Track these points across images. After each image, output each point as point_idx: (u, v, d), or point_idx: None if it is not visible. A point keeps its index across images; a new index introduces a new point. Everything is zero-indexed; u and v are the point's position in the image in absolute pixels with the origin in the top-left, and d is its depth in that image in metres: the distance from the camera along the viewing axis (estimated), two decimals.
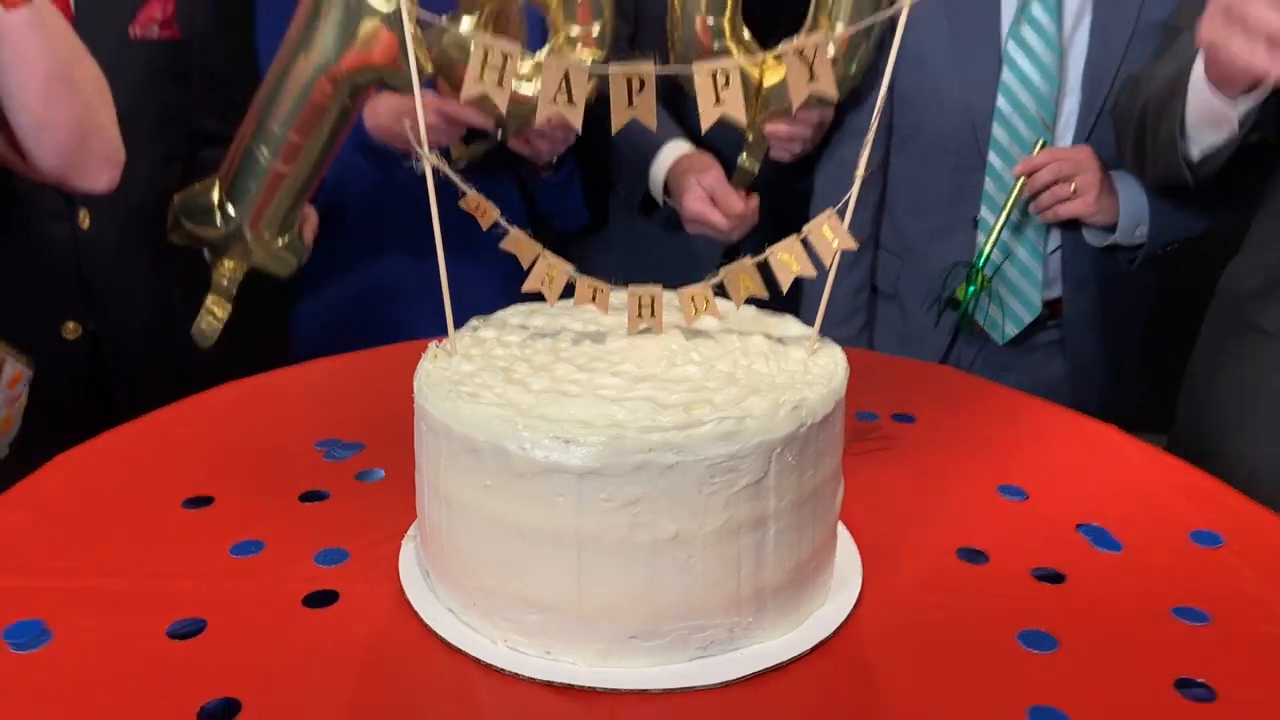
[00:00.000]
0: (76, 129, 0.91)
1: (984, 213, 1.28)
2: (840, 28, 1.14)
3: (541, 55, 1.04)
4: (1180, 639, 0.54)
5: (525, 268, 0.58)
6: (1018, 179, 1.22)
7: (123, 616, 0.53)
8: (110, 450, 0.70)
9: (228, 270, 1.02)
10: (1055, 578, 0.58)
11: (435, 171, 0.53)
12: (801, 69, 0.52)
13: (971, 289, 1.27)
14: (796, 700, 0.49)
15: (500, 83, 0.52)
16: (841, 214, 0.57)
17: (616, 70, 0.52)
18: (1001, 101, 1.25)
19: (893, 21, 0.59)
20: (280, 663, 0.50)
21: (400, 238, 1.21)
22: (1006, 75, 1.25)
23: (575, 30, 1.01)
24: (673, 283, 0.58)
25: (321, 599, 0.55)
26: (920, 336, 1.32)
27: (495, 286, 0.75)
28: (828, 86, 0.53)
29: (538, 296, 0.59)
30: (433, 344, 0.57)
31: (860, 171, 0.58)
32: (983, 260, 1.25)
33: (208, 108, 1.19)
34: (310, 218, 1.09)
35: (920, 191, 1.33)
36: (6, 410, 0.88)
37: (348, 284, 1.27)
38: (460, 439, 0.50)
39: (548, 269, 0.57)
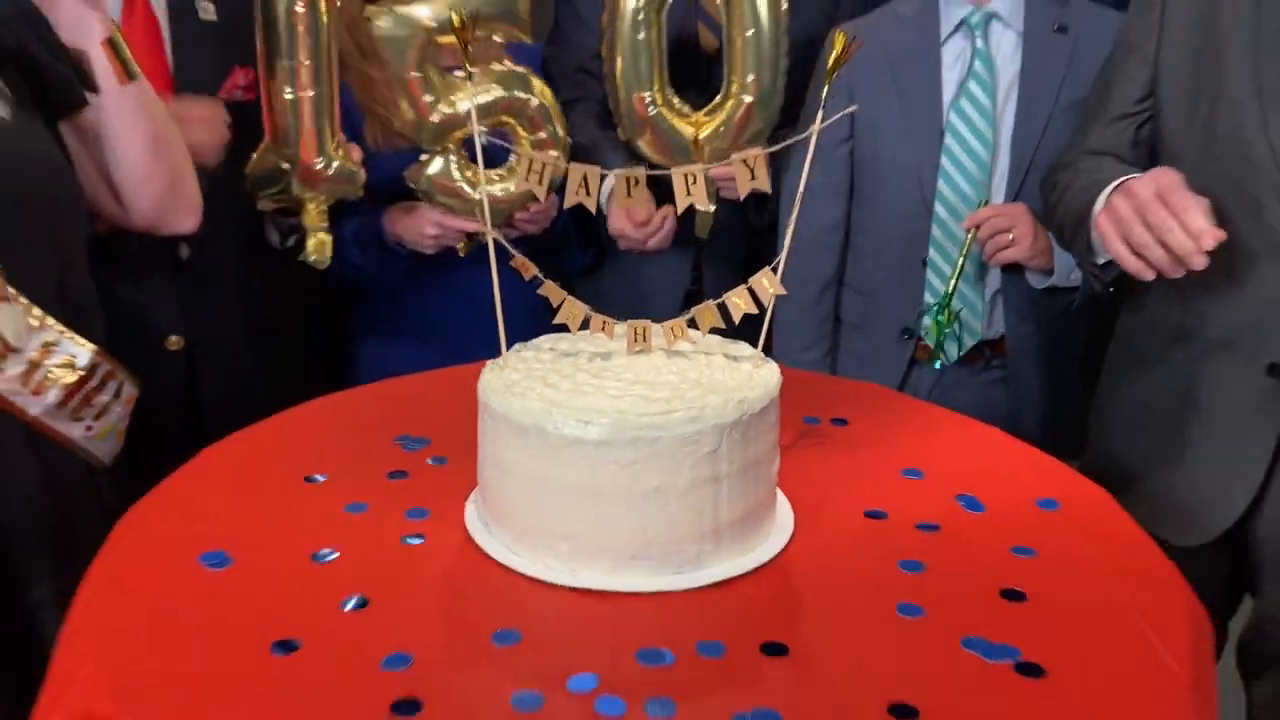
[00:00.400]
0: (168, 185, 1.13)
1: (932, 254, 1.53)
2: (749, 92, 1.40)
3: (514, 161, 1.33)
4: (1014, 564, 0.77)
5: (554, 307, 0.82)
6: (968, 231, 1.46)
7: (277, 548, 0.76)
8: (244, 444, 0.94)
9: (312, 211, 1.28)
10: (933, 528, 0.81)
11: (495, 243, 0.78)
12: (744, 171, 0.77)
13: (941, 319, 1.51)
14: (741, 601, 0.72)
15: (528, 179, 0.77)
16: (775, 269, 0.80)
17: (620, 172, 0.77)
18: (945, 162, 1.51)
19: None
20: (390, 576, 0.74)
21: (441, 288, 1.47)
22: (948, 141, 1.50)
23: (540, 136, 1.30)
24: (653, 310, 0.82)
25: (412, 540, 0.79)
26: (879, 362, 1.56)
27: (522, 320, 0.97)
28: (764, 184, 0.77)
29: (563, 327, 0.83)
30: (490, 362, 0.81)
31: (790, 231, 0.81)
32: (948, 299, 1.49)
33: None
34: (352, 149, 1.33)
35: (879, 238, 1.58)
36: (119, 426, 1.10)
37: (402, 328, 1.53)
38: (513, 423, 0.73)
39: (571, 308, 0.81)
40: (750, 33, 1.39)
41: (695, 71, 1.55)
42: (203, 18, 1.48)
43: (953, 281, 1.47)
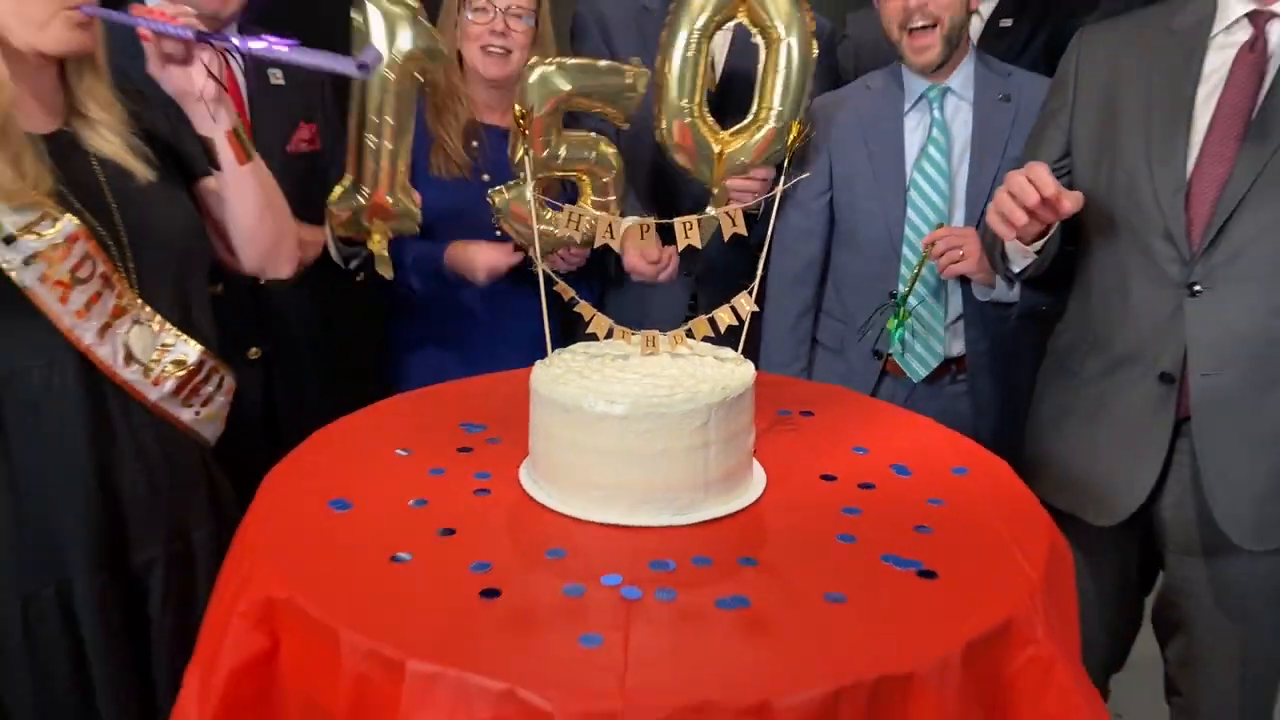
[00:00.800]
0: (272, 243, 1.37)
1: (900, 289, 1.80)
2: (774, 120, 1.68)
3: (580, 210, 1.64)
4: (927, 510, 1.03)
5: (586, 321, 1.10)
6: (925, 247, 1.73)
7: (382, 498, 1.03)
8: (346, 428, 1.21)
9: (377, 240, 1.57)
10: (870, 486, 1.08)
11: (545, 275, 1.06)
12: (728, 219, 1.05)
13: (897, 316, 1.77)
14: (724, 532, 0.99)
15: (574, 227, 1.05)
16: (751, 293, 1.08)
17: (633, 220, 1.05)
18: (909, 213, 1.78)
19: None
20: (467, 515, 1.01)
21: (474, 310, 1.77)
22: (912, 194, 1.77)
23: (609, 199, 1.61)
24: (662, 322, 1.10)
25: (481, 493, 1.06)
26: (853, 380, 1.82)
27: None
28: (741, 229, 1.05)
29: (592, 336, 1.11)
30: (539, 362, 1.09)
31: (760, 267, 1.09)
32: (903, 299, 1.75)
33: None
34: (414, 194, 1.62)
35: (854, 274, 1.85)
36: (222, 412, 1.37)
37: (442, 343, 1.82)
38: (558, 404, 1.01)
39: (599, 321, 1.09)
40: (782, 73, 1.67)
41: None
42: (273, 82, 1.79)
43: (908, 286, 1.74)
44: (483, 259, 1.67)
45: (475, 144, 1.77)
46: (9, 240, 1.12)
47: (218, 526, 1.31)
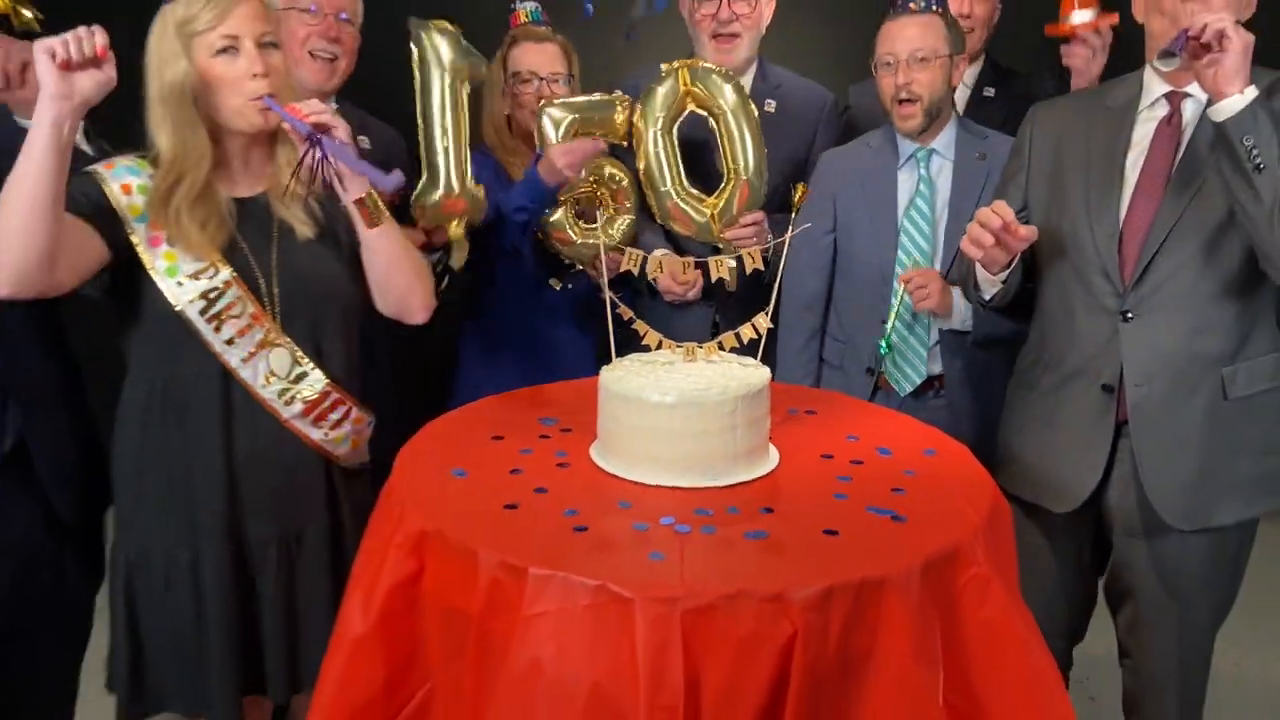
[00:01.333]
0: (403, 292, 1.61)
1: (889, 314, 2.13)
2: (743, 173, 2.03)
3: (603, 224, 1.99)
4: (902, 478, 1.36)
5: (641, 334, 1.44)
6: (902, 284, 2.06)
7: (489, 469, 1.37)
8: (451, 420, 1.56)
9: (454, 227, 1.94)
10: (859, 463, 1.41)
11: (605, 295, 1.40)
12: (749, 259, 1.39)
13: (885, 349, 2.10)
14: (748, 492, 1.32)
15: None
16: (767, 314, 1.42)
17: (656, 254, 1.40)
18: (899, 253, 2.11)
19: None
20: (555, 480, 1.34)
21: (543, 329, 2.12)
22: (902, 238, 2.10)
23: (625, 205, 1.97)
24: (687, 340, 1.45)
25: (562, 465, 1.39)
26: (851, 391, 2.14)
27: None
28: (760, 265, 1.39)
29: (645, 347, 1.45)
30: (605, 366, 1.42)
31: (774, 297, 1.43)
32: (889, 337, 2.08)
33: None
34: (475, 183, 2.01)
35: (853, 304, 2.18)
36: (353, 438, 1.65)
37: (499, 357, 2.17)
38: (623, 396, 1.34)
39: (651, 335, 1.43)
40: (736, 136, 2.03)
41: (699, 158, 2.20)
42: (364, 146, 2.13)
43: (890, 322, 2.07)
44: (561, 157, 2.01)
45: None
46: (179, 283, 1.47)
47: (331, 521, 1.63)
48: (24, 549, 1.67)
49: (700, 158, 2.17)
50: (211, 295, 1.50)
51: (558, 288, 2.23)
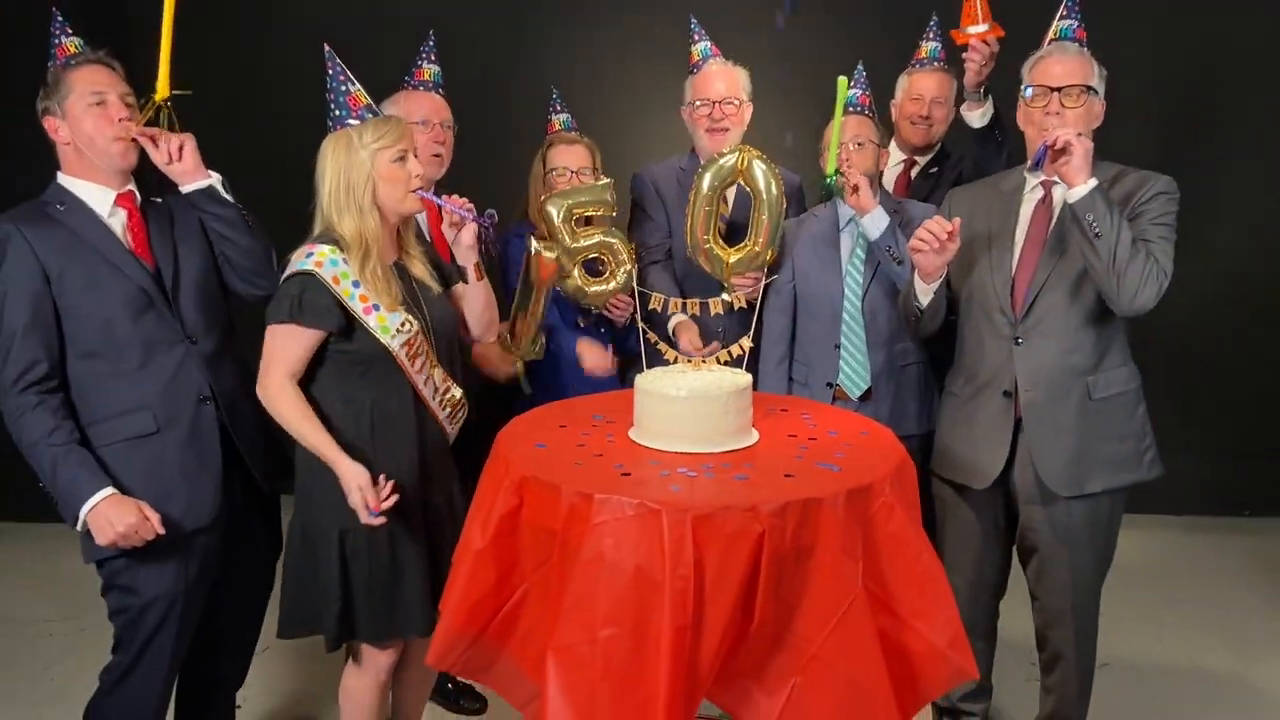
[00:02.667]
0: (490, 320, 2.38)
1: (842, 342, 2.77)
2: (760, 244, 2.67)
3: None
4: (842, 447, 2.00)
5: (662, 352, 2.09)
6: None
7: (561, 445, 2.01)
8: (531, 417, 2.20)
9: (519, 366, 2.60)
10: (813, 439, 2.05)
11: (643, 334, 2.06)
12: (740, 299, 2.04)
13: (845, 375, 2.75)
14: (736, 455, 1.96)
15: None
16: (749, 337, 2.07)
17: (682, 316, 2.06)
18: (846, 293, 2.78)
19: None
20: (607, 448, 1.98)
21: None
22: (847, 281, 2.78)
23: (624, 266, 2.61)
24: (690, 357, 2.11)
25: (608, 440, 2.03)
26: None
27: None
28: (744, 305, 2.05)
29: (664, 360, 2.10)
30: (639, 375, 2.07)
31: (751, 328, 2.09)
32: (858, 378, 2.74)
33: None
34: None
35: (811, 335, 2.83)
36: (458, 427, 2.37)
37: (557, 382, 2.83)
38: (652, 392, 1.99)
39: (670, 354, 2.09)
40: (765, 217, 2.68)
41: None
42: None
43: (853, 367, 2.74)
44: (589, 359, 2.75)
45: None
46: (391, 334, 2.14)
47: (457, 485, 2.33)
48: (230, 518, 2.30)
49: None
50: (411, 340, 2.18)
51: (582, 325, 2.90)
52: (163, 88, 2.20)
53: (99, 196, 2.21)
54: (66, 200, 2.18)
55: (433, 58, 2.78)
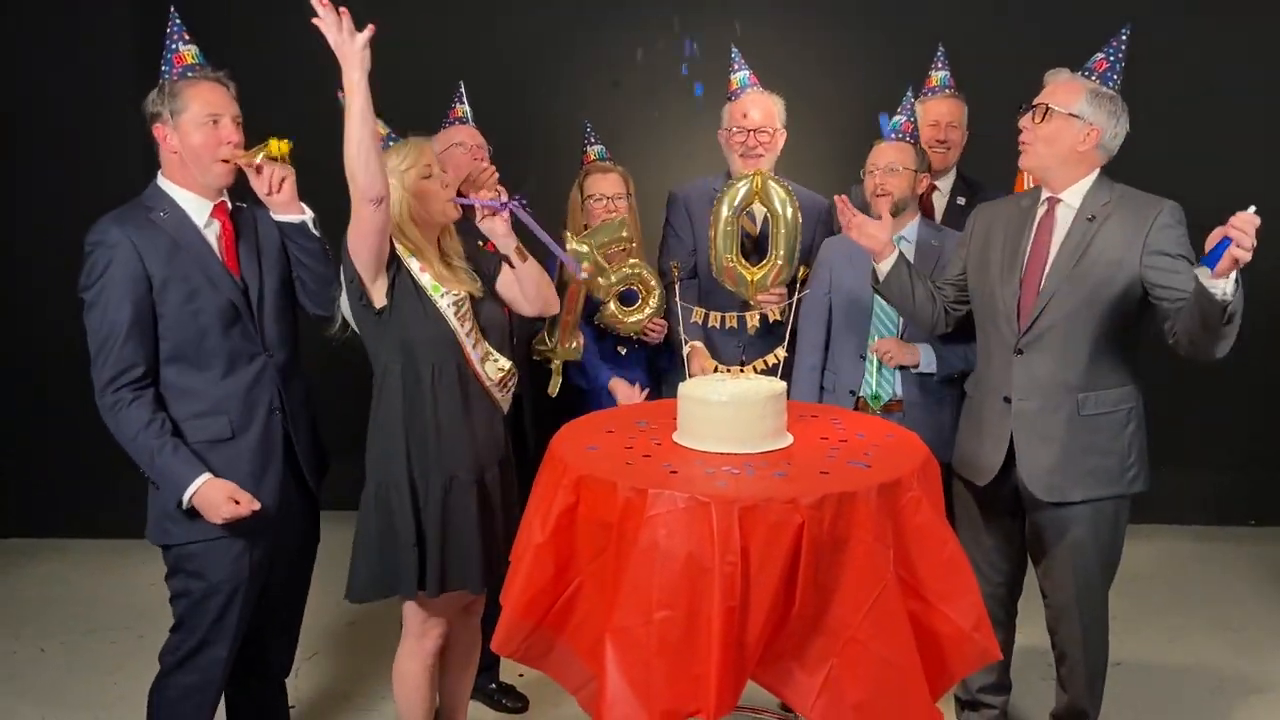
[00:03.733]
0: (545, 297, 2.55)
1: (867, 353, 2.95)
2: (781, 259, 2.85)
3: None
4: (871, 447, 2.16)
5: (704, 369, 2.27)
6: (874, 352, 2.90)
7: (611, 447, 2.18)
8: (584, 422, 2.38)
9: (556, 365, 2.78)
10: (844, 441, 2.22)
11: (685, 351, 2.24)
12: (774, 312, 2.21)
13: (873, 396, 2.92)
14: (772, 455, 2.12)
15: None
16: (783, 347, 2.24)
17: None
18: (875, 309, 2.96)
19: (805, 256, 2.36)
20: (654, 450, 2.15)
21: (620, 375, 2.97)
22: (877, 299, 2.96)
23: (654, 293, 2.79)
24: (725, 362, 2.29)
25: (656, 443, 2.20)
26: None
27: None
28: (777, 317, 2.22)
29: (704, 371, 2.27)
30: (681, 383, 2.25)
31: (785, 339, 2.26)
32: (872, 386, 2.91)
33: None
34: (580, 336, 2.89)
35: (843, 346, 3.01)
36: (509, 399, 2.55)
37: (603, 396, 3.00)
38: (696, 398, 2.17)
39: (710, 362, 2.26)
40: (782, 233, 2.86)
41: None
42: None
43: (873, 373, 2.91)
44: (621, 395, 2.93)
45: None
46: (441, 295, 2.35)
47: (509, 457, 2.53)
48: (283, 505, 2.45)
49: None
50: (459, 303, 2.38)
51: (624, 352, 3.08)
52: (282, 145, 2.35)
53: (197, 206, 2.33)
54: (167, 208, 2.30)
55: (464, 99, 3.02)
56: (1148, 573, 4.15)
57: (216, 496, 2.25)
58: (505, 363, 2.49)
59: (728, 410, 2.14)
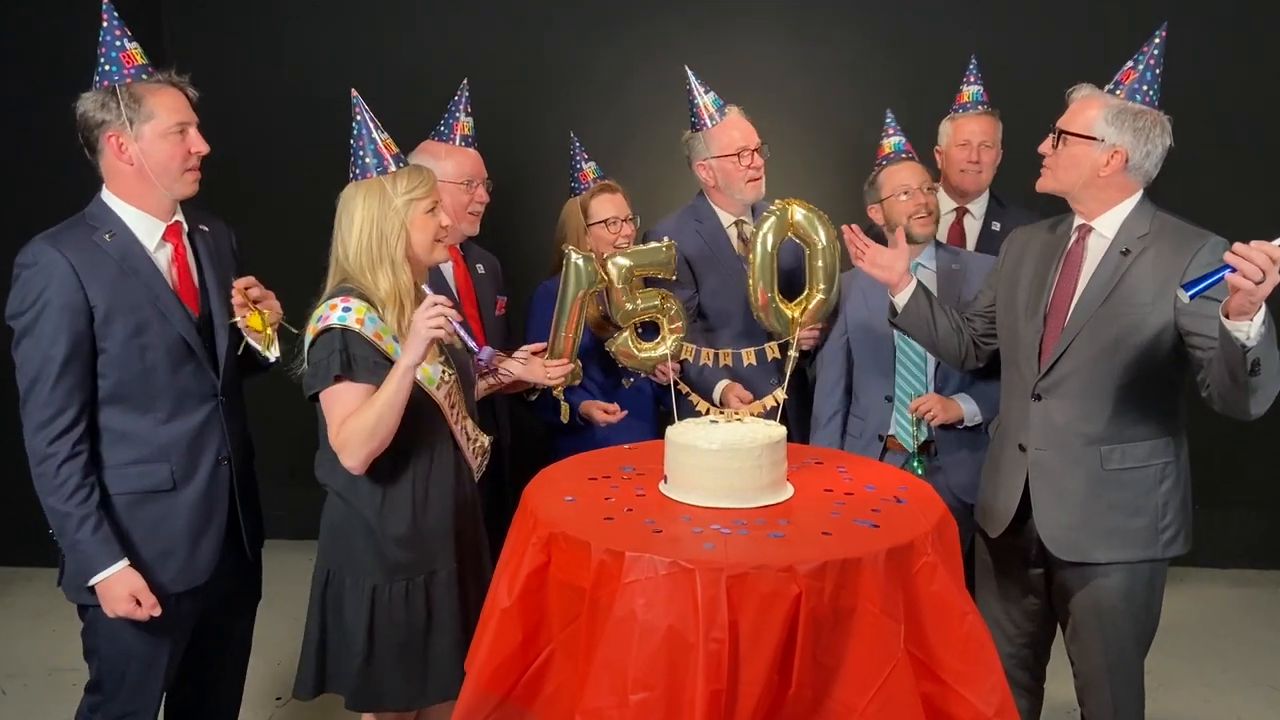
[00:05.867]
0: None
1: (896, 394, 2.72)
2: (822, 294, 2.61)
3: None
4: (880, 503, 1.93)
5: (694, 404, 2.04)
6: (912, 412, 2.66)
7: (590, 498, 1.96)
8: (559, 469, 2.16)
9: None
10: (850, 494, 1.99)
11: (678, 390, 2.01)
12: (774, 349, 1.99)
13: (914, 455, 2.69)
14: (769, 511, 1.90)
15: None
16: (782, 388, 2.02)
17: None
18: (898, 344, 2.73)
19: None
20: (635, 503, 1.92)
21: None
22: (896, 336, 2.73)
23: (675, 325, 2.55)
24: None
25: (640, 494, 1.98)
26: (866, 454, 2.73)
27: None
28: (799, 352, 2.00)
29: (696, 412, 2.05)
30: (670, 427, 2.02)
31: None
32: (913, 435, 2.68)
33: None
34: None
35: (867, 389, 2.79)
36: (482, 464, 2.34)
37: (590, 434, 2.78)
38: (684, 445, 1.94)
39: (702, 405, 2.04)
40: (821, 265, 2.63)
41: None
42: (480, 271, 2.81)
43: (912, 430, 2.69)
44: (598, 419, 2.73)
45: (601, 307, 2.79)
46: (430, 380, 2.11)
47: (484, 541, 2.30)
48: (218, 565, 2.21)
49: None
50: (451, 390, 2.16)
51: (628, 386, 2.87)
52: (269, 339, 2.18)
53: (148, 227, 2.10)
54: (115, 228, 2.07)
55: (468, 110, 2.76)
56: (1182, 622, 3.87)
57: (120, 590, 2.02)
58: (485, 440, 2.30)
59: (719, 459, 1.91)
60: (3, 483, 4.34)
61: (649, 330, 2.60)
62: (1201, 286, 1.83)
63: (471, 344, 2.13)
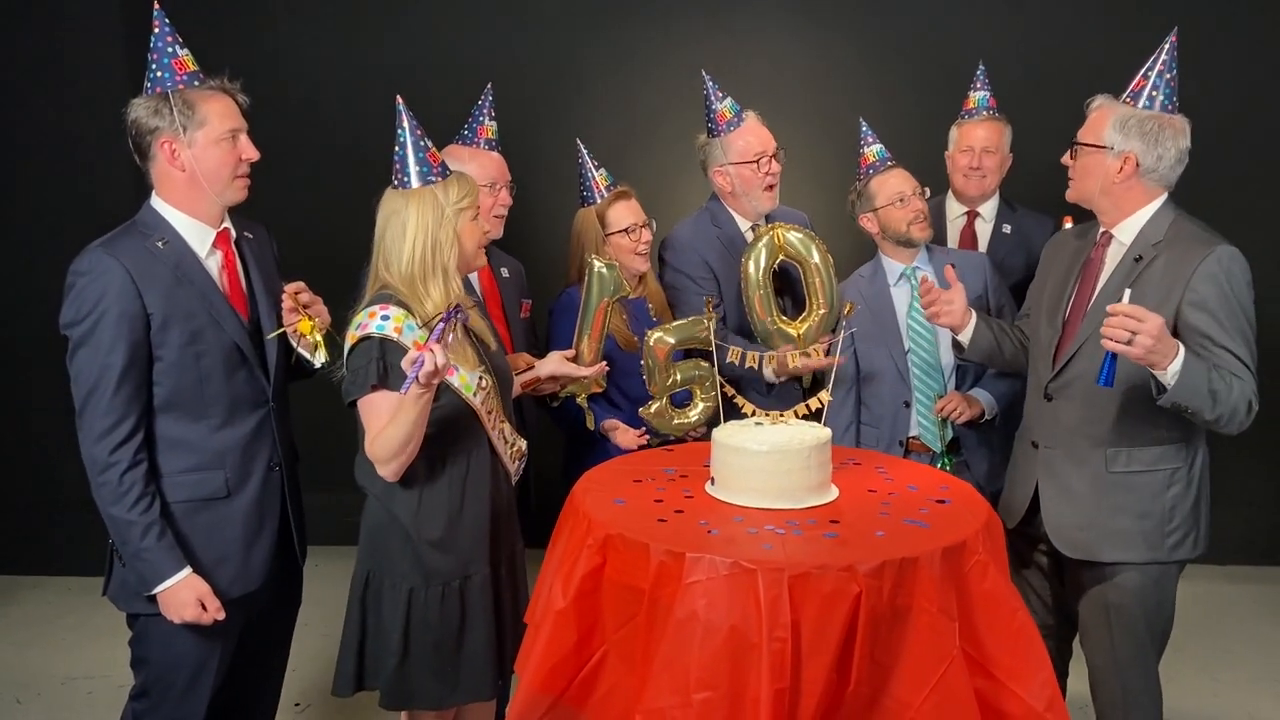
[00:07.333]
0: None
1: (914, 397, 2.76)
2: (822, 308, 2.65)
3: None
4: (926, 503, 1.96)
5: (740, 407, 2.07)
6: (938, 412, 2.70)
7: (638, 500, 1.97)
8: (604, 469, 2.17)
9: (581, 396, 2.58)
10: (895, 494, 2.01)
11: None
12: (815, 360, 2.02)
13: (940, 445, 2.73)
14: (819, 511, 1.92)
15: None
16: (827, 390, 2.04)
17: (763, 355, 2.03)
18: (909, 349, 2.76)
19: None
20: (686, 505, 1.94)
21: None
22: (907, 341, 2.76)
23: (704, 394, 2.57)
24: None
25: (688, 496, 1.99)
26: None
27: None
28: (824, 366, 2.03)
29: (742, 415, 2.07)
30: (716, 428, 2.04)
31: (829, 382, 2.06)
32: (938, 438, 2.72)
33: None
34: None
35: (877, 395, 2.81)
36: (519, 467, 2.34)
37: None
38: (732, 447, 1.96)
39: (749, 408, 2.06)
40: (817, 281, 2.67)
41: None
42: (505, 275, 2.82)
43: (938, 433, 2.74)
44: (620, 440, 2.69)
45: (625, 316, 2.79)
46: (472, 390, 2.11)
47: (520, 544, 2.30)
48: (269, 573, 2.22)
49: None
50: (489, 396, 2.15)
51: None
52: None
53: (199, 234, 2.10)
54: (167, 235, 2.06)
55: (492, 114, 2.76)
56: (1188, 618, 3.92)
57: (187, 596, 2.02)
58: (522, 444, 2.30)
59: (768, 461, 1.93)
60: (5, 491, 4.35)
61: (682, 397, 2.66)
62: (1105, 374, 2.07)
63: (435, 336, 1.94)
